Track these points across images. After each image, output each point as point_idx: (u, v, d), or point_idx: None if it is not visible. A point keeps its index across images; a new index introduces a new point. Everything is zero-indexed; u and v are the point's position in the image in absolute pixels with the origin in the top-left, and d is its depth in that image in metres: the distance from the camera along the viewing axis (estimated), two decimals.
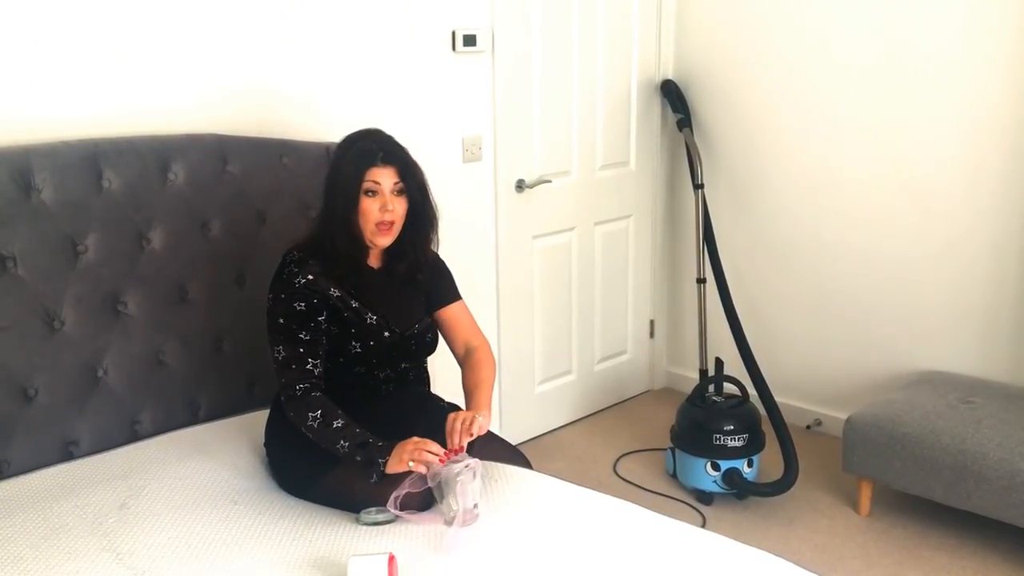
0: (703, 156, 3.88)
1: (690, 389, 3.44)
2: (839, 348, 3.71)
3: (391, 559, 1.72)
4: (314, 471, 2.09)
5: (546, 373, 3.84)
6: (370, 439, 2.00)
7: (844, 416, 3.17)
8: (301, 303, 2.09)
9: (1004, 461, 2.70)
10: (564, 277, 3.84)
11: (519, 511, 2.02)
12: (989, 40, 3.15)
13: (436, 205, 2.25)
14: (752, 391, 3.34)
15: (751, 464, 3.19)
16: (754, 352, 3.43)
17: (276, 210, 2.65)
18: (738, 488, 3.15)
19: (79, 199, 2.24)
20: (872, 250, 3.55)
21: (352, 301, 2.16)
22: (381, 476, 1.96)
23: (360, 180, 2.10)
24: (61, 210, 2.21)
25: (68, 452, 2.27)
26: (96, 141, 2.31)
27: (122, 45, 2.44)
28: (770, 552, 1.86)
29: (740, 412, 3.20)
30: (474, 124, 3.37)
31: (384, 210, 2.10)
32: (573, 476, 3.16)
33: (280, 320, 2.10)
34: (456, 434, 2.01)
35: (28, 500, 2.05)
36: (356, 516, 1.99)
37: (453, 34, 3.22)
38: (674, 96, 3.94)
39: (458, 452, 1.98)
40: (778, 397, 3.35)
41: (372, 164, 2.10)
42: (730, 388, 3.35)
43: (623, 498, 2.13)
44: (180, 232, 2.44)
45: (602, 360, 4.09)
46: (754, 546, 1.89)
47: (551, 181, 3.66)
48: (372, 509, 1.97)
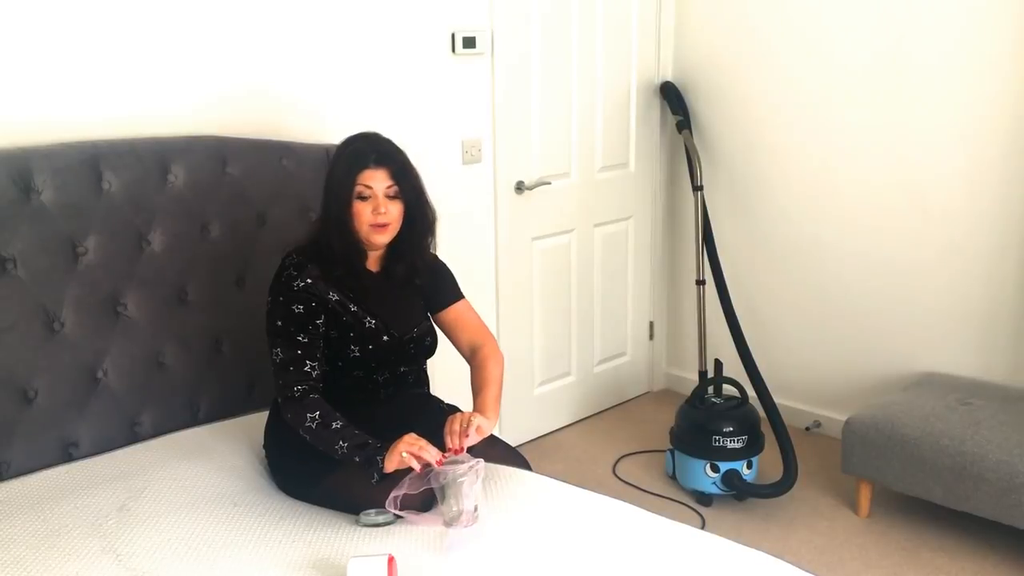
0: (702, 158, 3.88)
1: (689, 391, 3.44)
2: (838, 349, 3.72)
3: (391, 560, 1.72)
4: (314, 473, 2.09)
5: (546, 375, 3.84)
6: (369, 440, 1.99)
7: (843, 418, 3.17)
8: (299, 306, 2.09)
9: (1003, 462, 2.70)
10: (564, 279, 3.84)
11: (519, 512, 2.02)
12: (989, 42, 3.16)
13: (434, 208, 2.24)
14: (751, 393, 3.34)
15: (750, 466, 3.20)
16: (753, 354, 3.44)
17: (276, 212, 2.65)
18: (737, 489, 3.15)
19: (79, 201, 2.24)
20: (871, 252, 3.56)
21: (351, 305, 2.16)
22: (381, 476, 1.95)
23: (352, 183, 2.09)
24: (61, 212, 2.21)
25: (68, 454, 2.27)
26: (96, 143, 2.32)
27: (122, 47, 2.44)
28: (769, 553, 1.86)
29: (739, 414, 3.21)
30: (474, 126, 3.37)
31: (376, 213, 2.09)
32: (573, 478, 3.15)
33: (278, 322, 2.10)
34: (455, 436, 2.00)
35: (28, 502, 2.05)
36: (356, 518, 2.00)
37: (453, 36, 3.23)
38: (673, 98, 3.95)
39: (456, 453, 1.97)
40: (777, 399, 3.35)
41: (365, 166, 2.10)
42: (729, 390, 3.35)
43: (622, 499, 2.13)
44: (180, 234, 2.44)
45: (601, 362, 4.10)
46: (753, 547, 1.89)
47: (551, 183, 3.66)
48: (372, 511, 1.97)
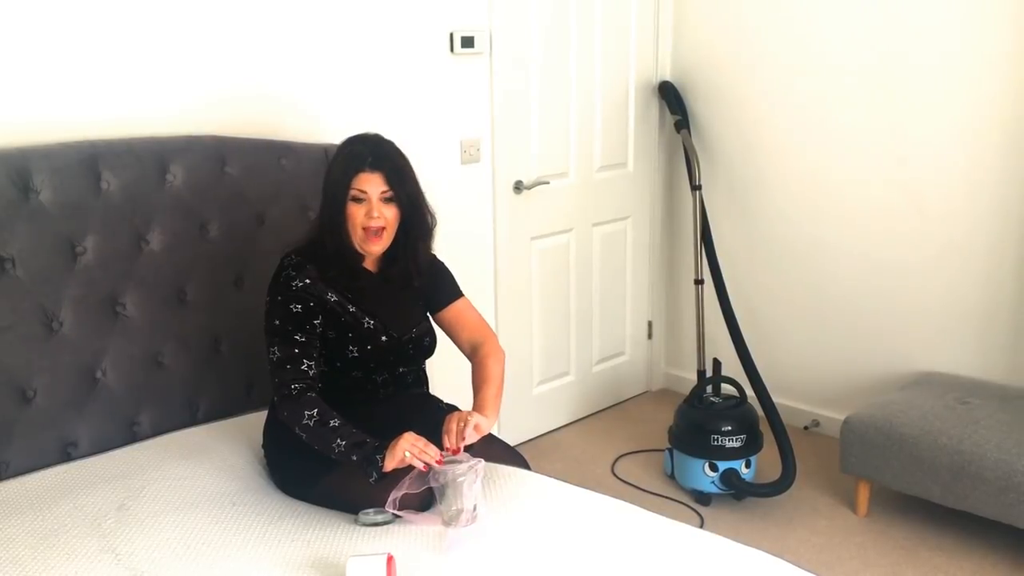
0: (701, 157, 3.88)
1: (688, 390, 3.44)
2: (837, 349, 3.72)
3: (390, 560, 1.73)
4: (313, 472, 2.09)
5: (544, 374, 3.84)
6: (367, 439, 1.98)
7: (842, 417, 3.18)
8: (297, 305, 2.09)
9: (1001, 461, 2.70)
10: (562, 278, 3.84)
11: (517, 512, 2.02)
12: (987, 42, 3.16)
13: (433, 212, 2.23)
14: (750, 392, 3.34)
15: (749, 465, 3.20)
16: (752, 353, 3.44)
17: (275, 212, 2.65)
18: (736, 489, 3.16)
19: (78, 201, 2.24)
20: (870, 251, 3.56)
21: (349, 305, 2.16)
22: (380, 475, 1.95)
23: (347, 186, 2.09)
24: (60, 211, 2.21)
25: (67, 453, 2.27)
26: (95, 143, 2.31)
27: (121, 47, 2.44)
28: (768, 552, 1.86)
29: (738, 413, 3.21)
30: (472, 126, 3.37)
31: (369, 216, 2.09)
32: (571, 477, 3.16)
33: (276, 322, 2.09)
34: (452, 435, 2.00)
35: (27, 501, 2.05)
36: (355, 517, 2.00)
37: (451, 36, 3.23)
38: (672, 97, 3.95)
39: (454, 453, 1.97)
40: (776, 398, 3.35)
41: (360, 170, 2.09)
42: (728, 389, 3.36)
43: (621, 499, 2.13)
44: (179, 234, 2.44)
45: (600, 361, 4.10)
46: (752, 546, 1.89)
47: (549, 182, 3.66)
48: (371, 510, 1.98)
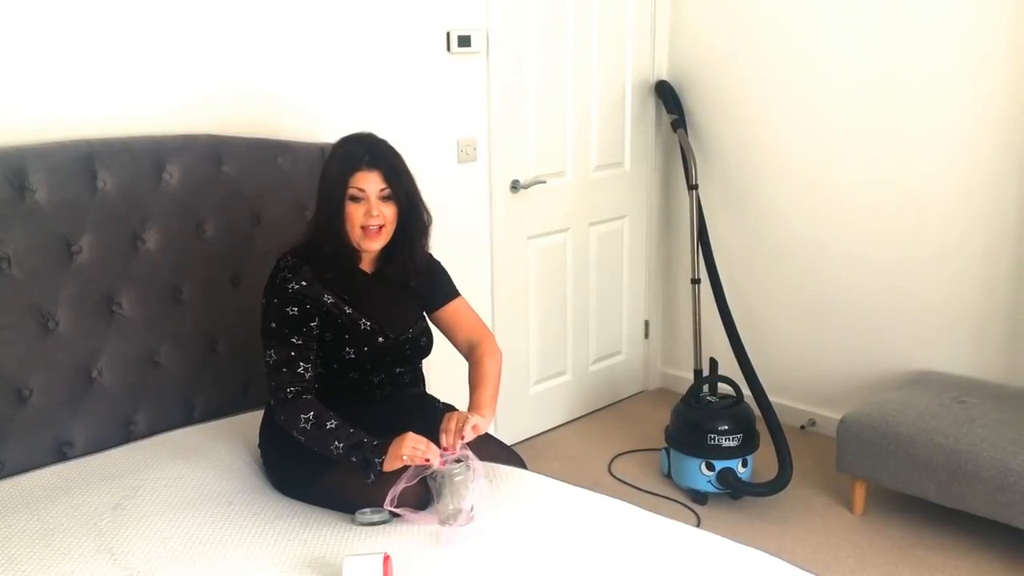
0: (697, 157, 3.88)
1: (685, 389, 3.44)
2: (833, 348, 3.72)
3: (386, 559, 1.72)
4: (310, 472, 2.09)
5: (541, 374, 3.84)
6: (364, 439, 1.98)
7: (838, 416, 3.18)
8: (293, 308, 2.09)
9: (997, 460, 2.71)
10: (559, 278, 3.84)
11: (514, 511, 2.02)
12: (984, 43, 3.16)
13: (429, 211, 2.23)
14: (746, 391, 3.34)
15: (745, 464, 3.20)
16: (748, 352, 3.44)
17: (271, 211, 2.64)
18: (733, 488, 3.16)
19: (74, 200, 2.24)
20: (867, 251, 3.56)
21: (346, 307, 2.16)
22: (378, 476, 1.95)
23: (345, 185, 2.09)
24: (55, 211, 2.21)
25: (62, 453, 2.26)
26: (91, 142, 2.31)
27: (117, 46, 2.43)
28: (765, 551, 1.86)
29: (734, 412, 3.21)
30: (469, 125, 3.37)
31: (369, 215, 2.09)
32: (568, 476, 3.15)
33: (272, 324, 2.09)
34: (449, 434, 2.00)
35: (22, 501, 2.05)
36: (352, 516, 1.99)
37: (448, 35, 3.22)
38: (668, 97, 3.95)
39: (450, 452, 1.96)
40: (772, 397, 3.35)
41: (357, 169, 2.09)
42: (724, 388, 3.36)
43: (618, 498, 2.13)
44: (175, 233, 2.44)
45: (597, 361, 4.10)
46: (749, 546, 1.89)
47: (546, 182, 3.66)
48: (367, 510, 1.98)
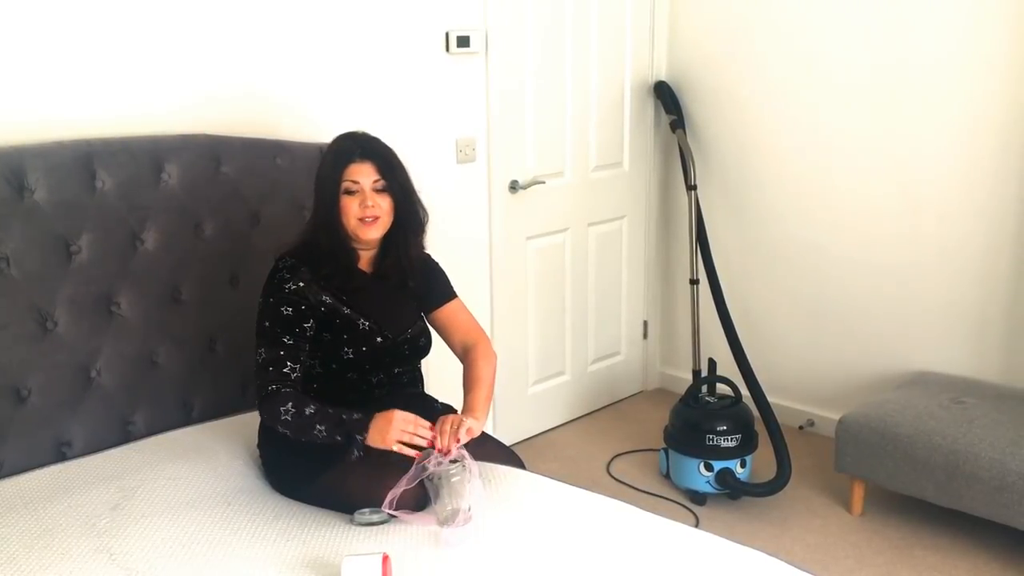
0: (696, 157, 3.88)
1: (683, 390, 3.44)
2: (832, 349, 3.72)
3: (385, 559, 1.72)
4: (308, 472, 2.09)
5: (540, 374, 3.84)
6: (344, 416, 1.99)
7: (837, 416, 3.18)
8: (288, 308, 2.09)
9: (995, 461, 2.71)
10: (558, 278, 3.84)
11: (513, 511, 2.02)
12: (984, 44, 3.16)
13: (424, 206, 2.24)
14: (745, 391, 3.35)
15: (744, 464, 3.20)
16: (747, 353, 3.44)
17: (270, 211, 2.64)
18: (731, 488, 3.16)
19: (72, 199, 2.24)
20: (866, 251, 3.56)
21: (343, 307, 2.16)
22: (361, 450, 1.95)
23: (339, 179, 2.11)
24: (54, 210, 2.21)
25: (61, 453, 2.26)
26: (89, 141, 2.31)
27: (116, 46, 2.43)
28: (763, 552, 1.87)
29: (733, 412, 3.21)
30: (468, 125, 3.37)
31: (364, 206, 2.10)
32: (566, 476, 3.15)
33: (266, 323, 2.10)
34: (444, 436, 1.99)
35: (21, 501, 2.05)
36: (350, 516, 1.99)
37: (447, 35, 3.23)
38: (667, 97, 3.95)
39: (445, 454, 1.96)
40: (771, 397, 3.35)
41: (350, 161, 2.11)
42: (723, 389, 3.36)
43: (617, 498, 2.13)
44: (173, 233, 2.44)
45: (596, 361, 4.10)
46: (747, 546, 1.89)
47: (545, 182, 3.66)
48: (366, 510, 1.98)
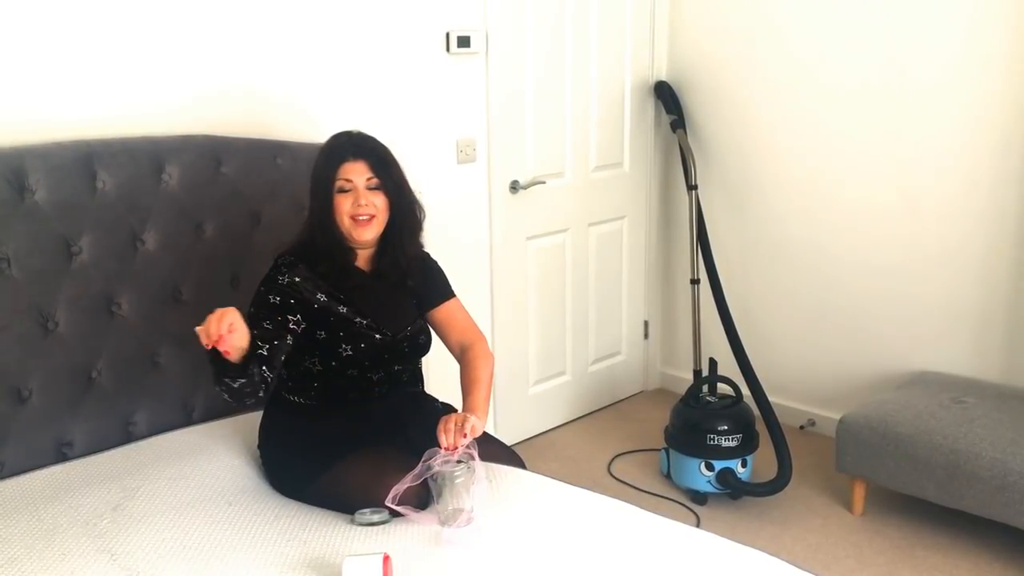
0: (697, 157, 3.88)
1: (684, 390, 3.44)
2: (833, 348, 3.72)
3: (386, 559, 1.72)
4: (309, 472, 2.09)
5: (540, 374, 3.84)
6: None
7: (838, 416, 3.18)
8: (276, 297, 2.10)
9: (996, 461, 2.71)
10: (558, 278, 3.84)
11: (514, 511, 2.02)
12: (985, 44, 3.16)
13: (421, 204, 2.25)
14: (746, 391, 3.35)
15: (745, 464, 3.20)
16: (748, 352, 3.44)
17: (270, 211, 2.65)
18: (732, 488, 3.16)
19: (73, 200, 2.24)
20: (866, 251, 3.56)
21: (340, 306, 2.16)
22: (214, 364, 1.87)
23: (333, 178, 2.11)
24: (55, 211, 2.21)
25: (62, 453, 2.26)
26: (90, 142, 2.31)
27: (116, 46, 2.43)
28: (764, 551, 1.87)
29: (734, 412, 3.21)
30: (468, 125, 3.37)
31: (357, 205, 2.11)
32: (567, 476, 3.16)
33: (252, 308, 2.11)
34: (450, 433, 1.99)
35: (22, 501, 2.05)
36: (351, 517, 2.00)
37: (447, 35, 3.23)
38: (668, 97, 3.95)
39: (451, 452, 1.96)
40: (772, 397, 3.35)
41: (343, 160, 2.12)
42: (724, 388, 3.36)
43: (617, 498, 2.13)
44: (174, 233, 2.44)
45: (596, 361, 4.10)
46: (748, 546, 1.89)
47: (545, 182, 3.66)
48: (367, 510, 1.98)
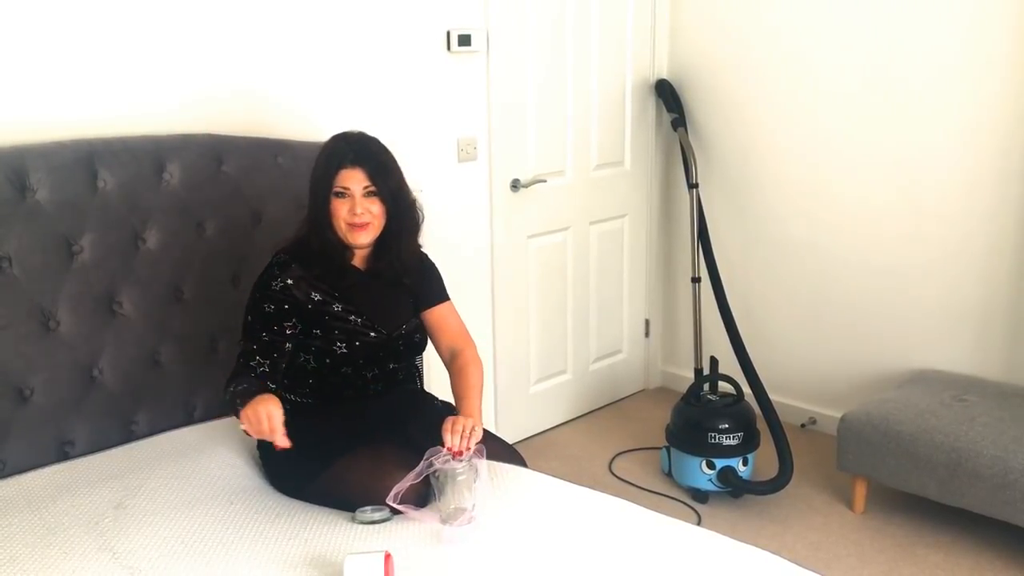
0: (697, 155, 3.88)
1: (685, 388, 3.44)
2: (834, 346, 3.72)
3: (387, 557, 1.73)
4: (309, 471, 2.10)
5: (541, 373, 3.84)
6: (246, 385, 2.00)
7: (839, 414, 3.18)
8: (270, 305, 2.12)
9: (997, 459, 2.71)
10: (559, 276, 3.84)
11: (515, 509, 2.02)
12: (985, 44, 3.16)
13: (420, 207, 2.25)
14: (747, 390, 3.34)
15: (746, 462, 3.20)
16: (749, 351, 3.44)
17: (271, 210, 2.65)
18: (733, 486, 3.16)
19: (74, 199, 2.24)
20: (867, 250, 3.56)
21: (335, 304, 2.17)
22: (236, 415, 1.97)
23: (330, 182, 2.12)
24: (56, 210, 2.21)
25: (64, 452, 2.27)
26: (91, 141, 2.31)
27: (117, 45, 2.44)
28: (765, 550, 1.87)
29: (735, 411, 3.21)
30: (469, 124, 3.37)
31: (352, 212, 2.11)
32: (568, 475, 3.16)
33: (248, 317, 2.14)
34: (457, 436, 1.99)
35: (24, 500, 2.06)
36: (352, 515, 2.00)
37: (448, 34, 3.23)
38: (668, 96, 3.95)
39: (458, 455, 1.97)
40: (773, 396, 3.35)
41: (341, 166, 2.12)
42: (725, 387, 3.36)
43: (618, 497, 2.13)
44: (175, 232, 2.44)
45: (597, 359, 4.10)
46: (749, 544, 1.89)
47: (546, 181, 3.66)
48: (368, 508, 1.98)
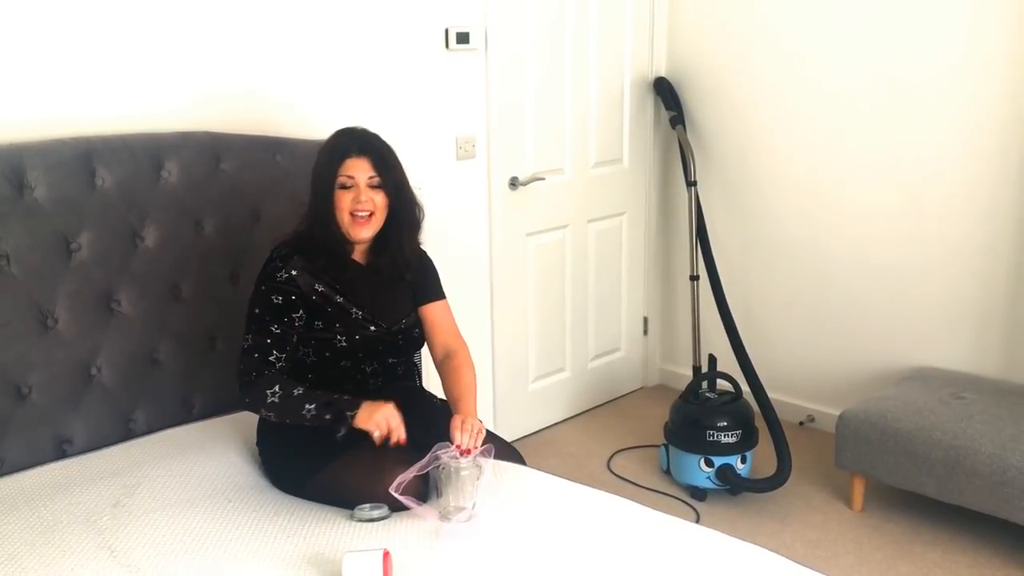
0: (696, 153, 3.88)
1: (683, 386, 3.45)
2: (832, 344, 3.72)
3: (386, 555, 1.73)
4: (308, 468, 2.10)
5: (540, 370, 3.84)
6: (334, 396, 2.05)
7: (837, 412, 3.18)
8: (278, 296, 2.12)
9: (996, 456, 2.71)
10: (558, 274, 3.84)
11: (513, 507, 2.03)
12: (985, 43, 3.16)
13: (420, 202, 2.26)
14: (745, 387, 3.35)
15: (744, 460, 3.20)
16: (747, 349, 3.44)
17: (270, 208, 2.65)
18: (731, 484, 3.16)
19: (72, 197, 2.24)
20: (865, 247, 3.56)
21: (336, 296, 2.18)
22: (348, 428, 2.02)
23: (335, 173, 2.13)
24: (54, 208, 2.21)
25: (62, 450, 2.27)
26: (89, 139, 2.31)
27: (116, 43, 2.43)
28: (764, 547, 1.87)
29: (733, 408, 3.21)
30: (468, 122, 3.37)
31: (357, 202, 2.12)
32: (567, 473, 3.16)
33: (256, 310, 2.14)
34: (466, 434, 2.01)
35: (22, 498, 2.05)
36: (350, 513, 2.00)
37: (446, 32, 3.22)
38: (667, 93, 3.95)
39: (466, 454, 1.97)
40: (771, 393, 3.35)
41: (346, 156, 2.14)
42: (723, 385, 3.36)
43: (617, 494, 2.14)
44: (174, 230, 2.44)
45: (596, 357, 4.10)
46: (748, 541, 1.89)
47: (545, 179, 3.66)
48: (366, 506, 1.98)
